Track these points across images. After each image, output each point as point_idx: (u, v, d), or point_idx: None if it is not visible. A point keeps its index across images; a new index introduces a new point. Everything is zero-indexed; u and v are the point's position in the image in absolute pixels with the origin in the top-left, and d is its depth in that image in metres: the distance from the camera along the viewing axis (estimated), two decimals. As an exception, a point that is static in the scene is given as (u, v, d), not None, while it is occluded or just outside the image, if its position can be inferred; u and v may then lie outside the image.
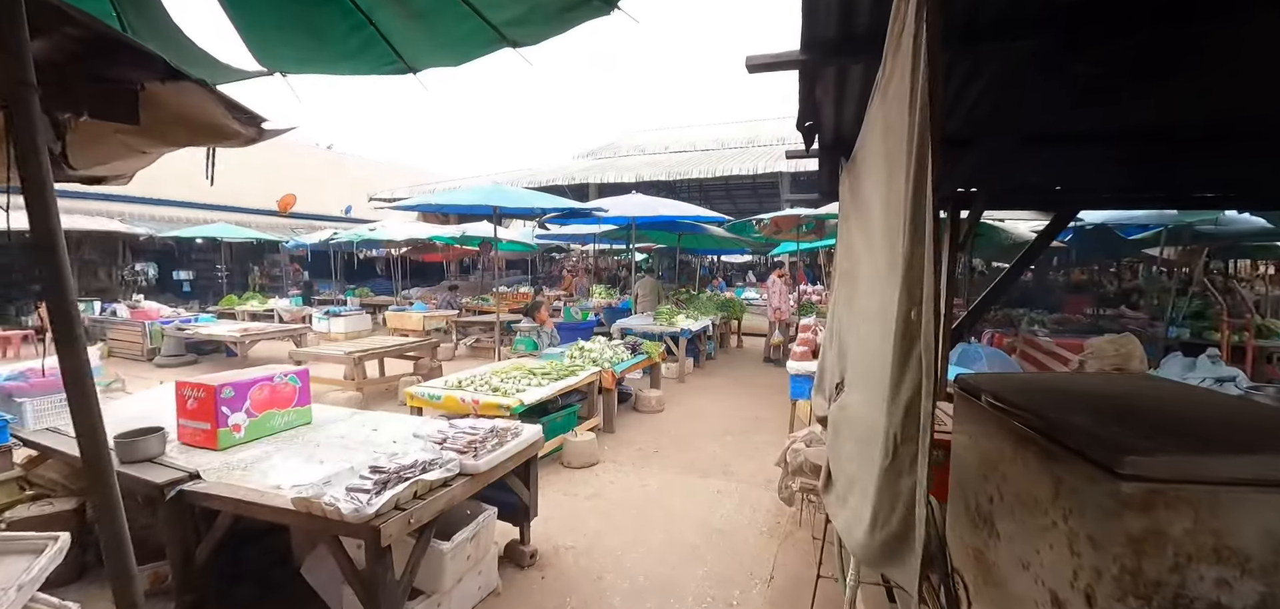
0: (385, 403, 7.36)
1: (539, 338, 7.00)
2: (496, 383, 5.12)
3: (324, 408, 4.08)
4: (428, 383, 5.06)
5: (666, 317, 8.76)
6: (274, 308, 13.88)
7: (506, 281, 21.62)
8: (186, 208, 16.60)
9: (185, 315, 10.90)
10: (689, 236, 11.59)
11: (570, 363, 6.14)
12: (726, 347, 11.95)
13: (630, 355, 6.58)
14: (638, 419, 6.67)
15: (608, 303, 12.60)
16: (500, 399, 4.63)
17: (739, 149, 20.42)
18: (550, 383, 5.19)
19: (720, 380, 8.95)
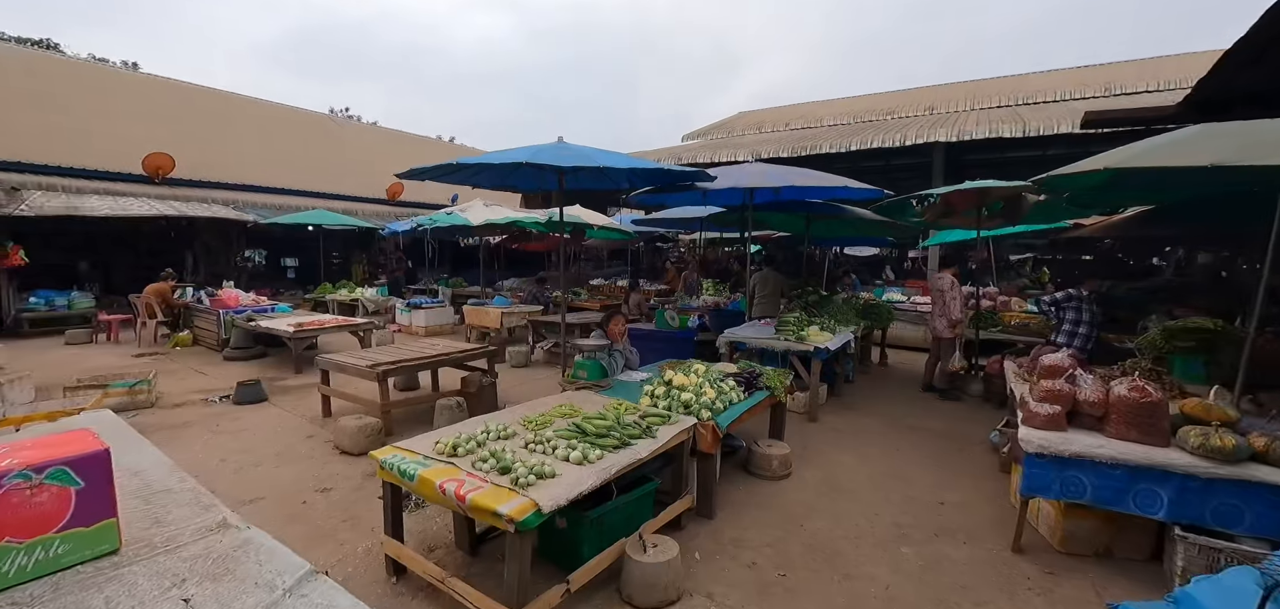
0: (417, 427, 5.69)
1: (609, 360, 4.97)
2: (517, 446, 3.13)
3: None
4: (411, 442, 3.22)
5: (794, 328, 6.32)
6: (359, 297, 13.23)
7: (607, 274, 20.02)
8: (294, 195, 16.71)
9: (264, 304, 10.26)
10: (821, 223, 8.98)
11: (650, 405, 4.00)
12: (866, 363, 9.18)
13: (743, 394, 4.30)
14: (750, 491, 4.38)
15: (716, 303, 10.30)
16: (505, 488, 2.60)
17: (874, 121, 17.06)
18: (607, 451, 3.09)
19: (866, 419, 6.35)
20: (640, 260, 23.34)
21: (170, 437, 5.41)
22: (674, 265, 17.86)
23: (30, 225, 11.29)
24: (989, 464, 5.08)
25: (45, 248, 12.99)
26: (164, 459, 3.03)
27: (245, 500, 4.12)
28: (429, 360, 6.17)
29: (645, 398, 4.09)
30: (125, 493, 2.48)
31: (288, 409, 6.38)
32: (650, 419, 3.64)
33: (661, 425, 3.57)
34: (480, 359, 6.64)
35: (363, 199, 19.07)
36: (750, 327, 7.14)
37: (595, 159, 4.60)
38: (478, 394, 6.17)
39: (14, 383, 6.26)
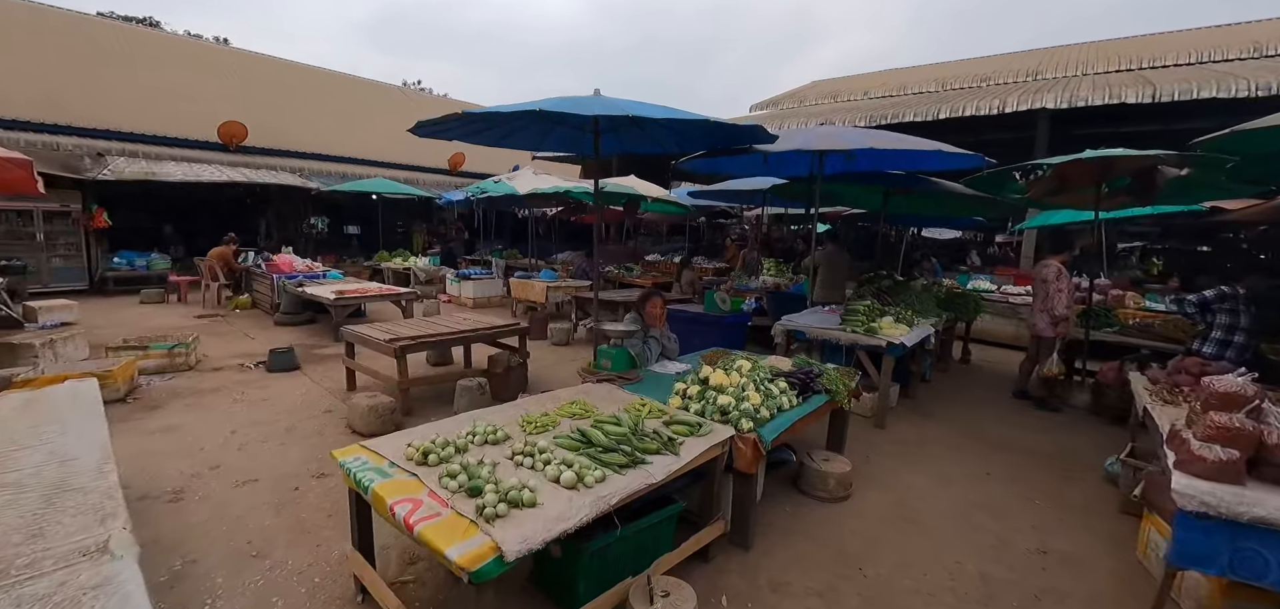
0: (439, 408, 5.30)
1: (643, 349, 4.32)
2: (503, 456, 2.55)
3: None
4: (380, 442, 2.71)
5: (864, 318, 5.42)
6: (412, 266, 13.22)
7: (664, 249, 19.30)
8: (358, 163, 16.98)
9: (316, 270, 10.32)
10: (901, 198, 7.87)
11: (680, 406, 3.33)
12: (944, 359, 8.06)
13: (796, 399, 3.53)
14: (798, 516, 3.64)
15: (776, 285, 9.41)
16: (466, 519, 2.03)
17: (967, 88, 15.26)
18: (613, 470, 2.46)
19: (945, 429, 5.39)
20: (700, 236, 22.45)
21: (193, 403, 5.27)
22: (734, 242, 16.91)
23: (116, 189, 11.91)
24: (1104, 500, 4.08)
25: (135, 211, 13.78)
26: (104, 448, 2.68)
27: (240, 481, 3.81)
28: (456, 336, 5.75)
29: (676, 397, 3.42)
30: (32, 489, 2.08)
31: (316, 379, 6.17)
32: (676, 427, 2.97)
33: (689, 436, 2.90)
34: (512, 336, 6.17)
35: (425, 169, 19.22)
36: (812, 313, 6.28)
37: (628, 109, 3.91)
38: (505, 375, 5.71)
39: (66, 341, 6.37)
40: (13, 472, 2.27)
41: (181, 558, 2.98)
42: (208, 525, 3.29)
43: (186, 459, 4.11)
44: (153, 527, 3.26)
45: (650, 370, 4.25)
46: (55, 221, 11.35)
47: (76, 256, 11.73)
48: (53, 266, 11.41)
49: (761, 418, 3.13)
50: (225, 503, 3.54)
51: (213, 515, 3.39)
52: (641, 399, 3.41)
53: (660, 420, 3.11)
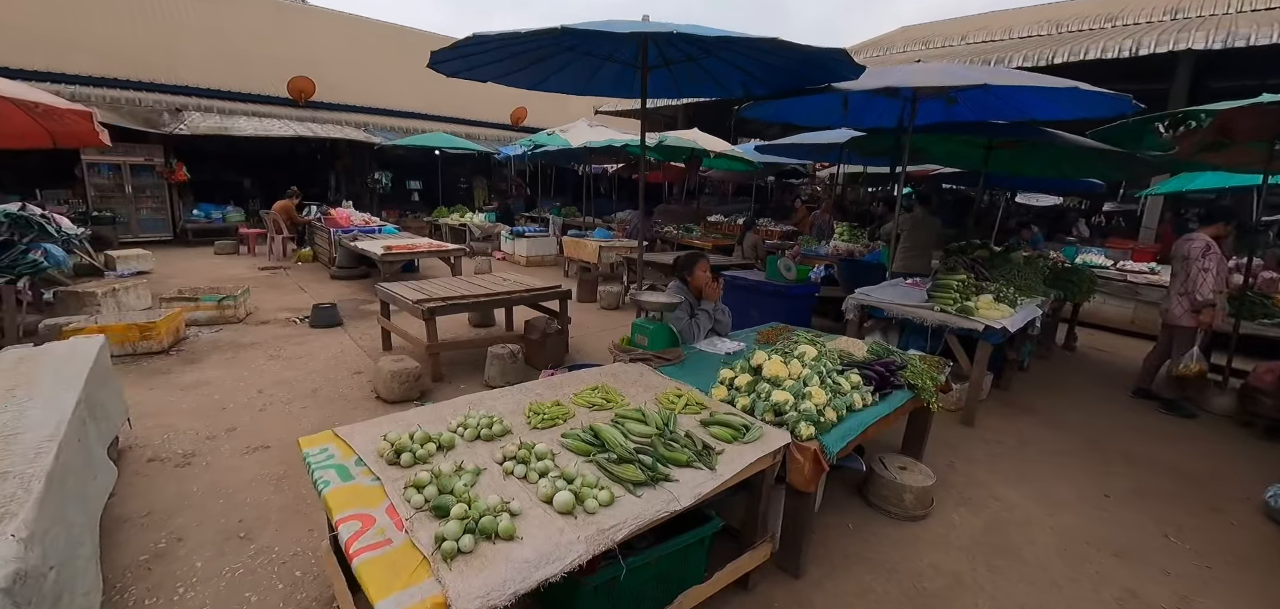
0: (472, 376, 4.96)
1: (688, 324, 3.73)
2: (493, 460, 2.08)
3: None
4: (353, 430, 2.28)
5: (957, 295, 4.55)
6: (467, 222, 13.09)
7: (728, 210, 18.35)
8: (420, 118, 16.99)
9: (372, 224, 10.31)
10: (1006, 155, 6.71)
11: (725, 399, 2.75)
12: (1045, 344, 6.96)
13: (872, 397, 2.84)
14: (864, 535, 2.99)
15: (849, 251, 8.49)
16: (418, 552, 1.56)
17: (1088, 30, 13.21)
18: (629, 487, 1.93)
19: (1049, 431, 4.50)
20: (768, 197, 21.25)
21: (230, 358, 5.20)
22: (805, 204, 15.75)
23: (195, 145, 12.40)
24: (1265, 542, 3.18)
25: (215, 165, 14.41)
26: (59, 425, 2.39)
27: (251, 448, 3.59)
28: (491, 298, 5.37)
29: (721, 387, 2.82)
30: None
31: (356, 337, 6.01)
32: (716, 429, 2.39)
33: (732, 442, 2.31)
34: (552, 300, 5.73)
35: (487, 123, 19.06)
36: (892, 286, 5.44)
37: (676, 29, 3.24)
38: (541, 342, 5.29)
39: (128, 291, 6.51)
40: None
41: (168, 534, 2.75)
42: (205, 497, 3.05)
43: (207, 419, 3.95)
44: (152, 495, 3.06)
45: (696, 349, 3.66)
46: (142, 175, 11.96)
47: (161, 209, 12.37)
48: (141, 217, 12.08)
49: (825, 422, 2.49)
50: (229, 471, 3.32)
51: (213, 486, 3.16)
52: (678, 388, 2.84)
53: (698, 416, 2.54)
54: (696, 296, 3.97)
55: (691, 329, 3.77)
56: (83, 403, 2.54)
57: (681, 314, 3.76)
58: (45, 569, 1.66)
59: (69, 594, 1.83)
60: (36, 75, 10.75)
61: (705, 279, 3.93)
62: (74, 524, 2.03)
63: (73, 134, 6.99)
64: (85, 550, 2.05)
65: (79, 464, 2.28)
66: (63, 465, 2.05)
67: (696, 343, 3.77)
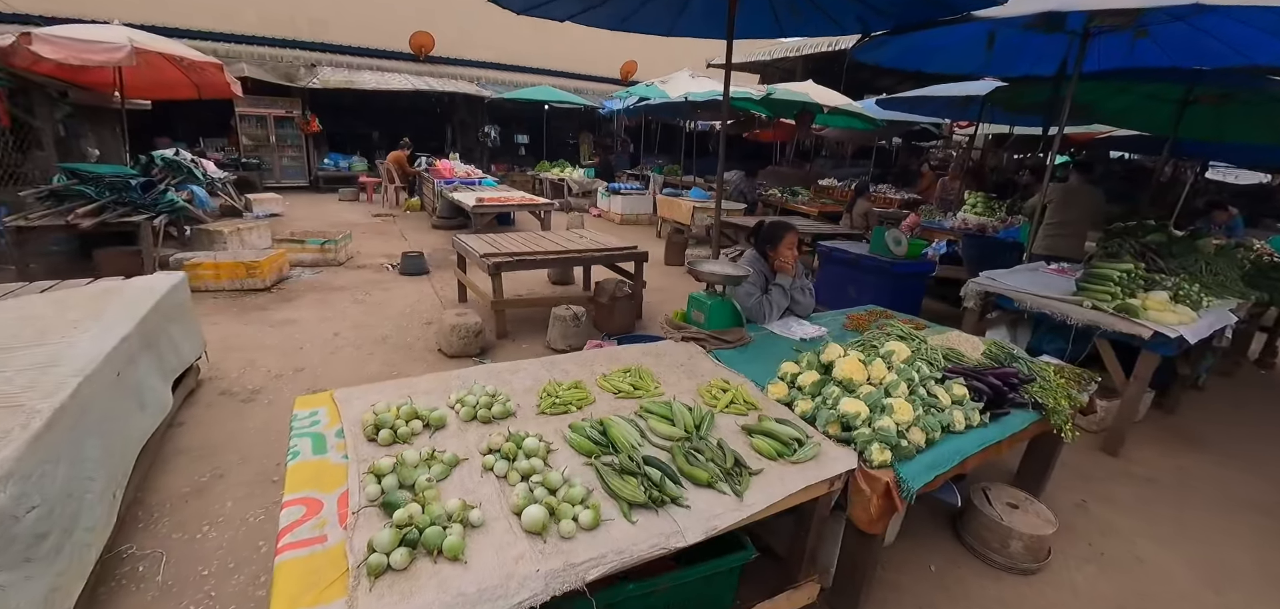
0: (533, 337, 4.79)
1: (760, 301, 3.20)
2: (477, 446, 1.77)
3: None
4: (351, 394, 2.06)
5: (1117, 289, 3.57)
6: (566, 177, 13.07)
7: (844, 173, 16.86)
8: (529, 72, 17.15)
9: (474, 176, 10.57)
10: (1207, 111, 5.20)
11: (784, 399, 2.25)
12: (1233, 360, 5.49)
13: (980, 417, 2.19)
14: (950, 580, 2.37)
15: (980, 226, 7.29)
16: (342, 563, 1.29)
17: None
18: (625, 508, 1.55)
19: (1226, 473, 3.44)
20: (891, 160, 19.27)
21: (320, 299, 5.45)
22: (933, 169, 13.99)
23: (327, 98, 13.42)
24: None
25: (347, 117, 15.58)
26: (84, 366, 2.44)
27: (311, 390, 3.65)
28: (563, 255, 5.12)
29: (779, 384, 2.32)
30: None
31: (438, 287, 6.10)
32: (760, 440, 1.92)
33: (775, 460, 1.84)
34: (628, 261, 5.39)
35: (597, 78, 18.89)
36: (1029, 271, 4.47)
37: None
38: (609, 306, 4.99)
39: (252, 231, 7.09)
40: None
41: (211, 470, 2.81)
42: (254, 437, 3.11)
43: (282, 358, 4.11)
44: (213, 429, 3.18)
45: (766, 331, 3.14)
46: (283, 126, 13.19)
47: (299, 158, 13.61)
48: (283, 165, 13.38)
49: (907, 446, 1.92)
50: (284, 412, 3.37)
51: (265, 426, 3.23)
52: (726, 380, 2.37)
53: (744, 418, 2.08)
54: (773, 270, 3.41)
55: (761, 307, 3.24)
56: (133, 338, 2.61)
57: (750, 288, 3.23)
58: (21, 511, 1.62)
59: (62, 531, 1.81)
60: (202, 34, 12.09)
61: (788, 254, 3.36)
62: (88, 459, 2.03)
63: (212, 85, 7.68)
64: (97, 486, 2.05)
65: (112, 398, 2.31)
66: (82, 401, 2.05)
67: (767, 323, 3.24)
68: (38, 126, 6.37)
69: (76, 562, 1.87)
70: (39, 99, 6.39)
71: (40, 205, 5.40)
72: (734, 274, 2.95)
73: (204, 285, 5.34)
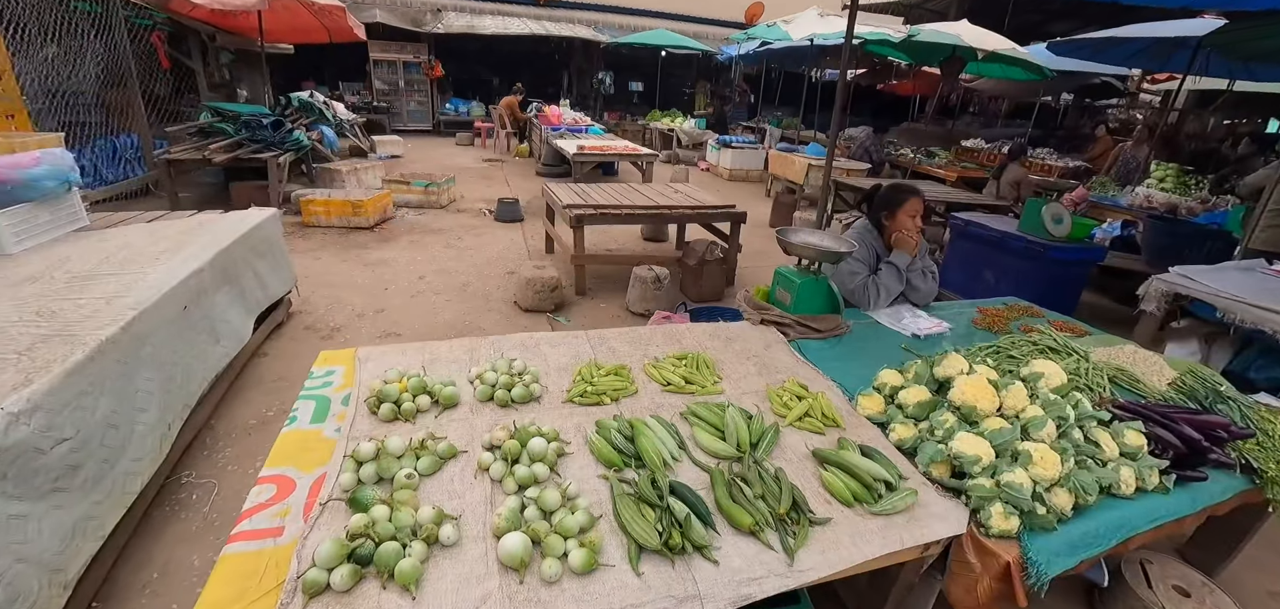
0: (612, 297, 4.53)
1: (864, 284, 2.64)
2: (481, 446, 1.51)
3: None
4: (374, 354, 1.88)
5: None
6: (675, 128, 12.55)
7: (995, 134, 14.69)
8: (647, 16, 16.58)
9: (581, 123, 10.44)
10: None
11: (877, 418, 1.77)
12: None
13: (1162, 480, 1.56)
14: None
15: (1169, 206, 5.89)
16: (280, 579, 1.08)
17: None
18: (623, 553, 1.21)
19: None
20: (1060, 120, 16.50)
21: (416, 241, 5.57)
22: (1112, 132, 11.71)
23: (451, 43, 13.89)
24: None
25: (470, 63, 16.12)
26: (157, 289, 2.50)
27: (386, 333, 3.69)
28: (653, 210, 4.76)
29: (873, 396, 1.83)
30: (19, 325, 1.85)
31: (529, 236, 6.03)
32: (835, 476, 1.48)
33: (851, 507, 1.40)
34: (724, 221, 4.93)
35: (718, 22, 17.92)
36: (1241, 271, 3.42)
37: None
38: (697, 269, 4.58)
39: (368, 171, 7.47)
40: (44, 294, 2.16)
41: (278, 405, 2.87)
42: (324, 377, 3.16)
43: (368, 297, 4.21)
44: (292, 363, 3.28)
45: (870, 319, 2.60)
46: (411, 71, 13.90)
47: (424, 102, 14.32)
48: (409, 109, 14.17)
49: (1045, 516, 1.37)
50: (357, 355, 3.41)
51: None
52: (802, 385, 1.92)
53: (820, 439, 1.64)
54: (888, 246, 2.82)
55: (866, 291, 2.68)
56: (206, 271, 2.66)
57: (854, 267, 2.69)
58: (47, 444, 1.62)
59: (101, 462, 1.83)
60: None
61: (909, 226, 2.74)
62: (139, 392, 2.06)
63: (340, 29, 8.08)
64: (149, 418, 2.09)
65: (176, 331, 2.36)
66: (137, 334, 2.07)
67: (872, 311, 2.69)
68: (192, 68, 7.07)
69: (116, 492, 1.90)
70: (194, 43, 7.08)
71: (189, 140, 5.99)
72: (833, 248, 2.42)
73: (315, 221, 5.67)
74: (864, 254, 2.75)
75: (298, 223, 5.71)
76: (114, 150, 5.70)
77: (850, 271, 2.69)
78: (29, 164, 2.56)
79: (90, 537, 1.78)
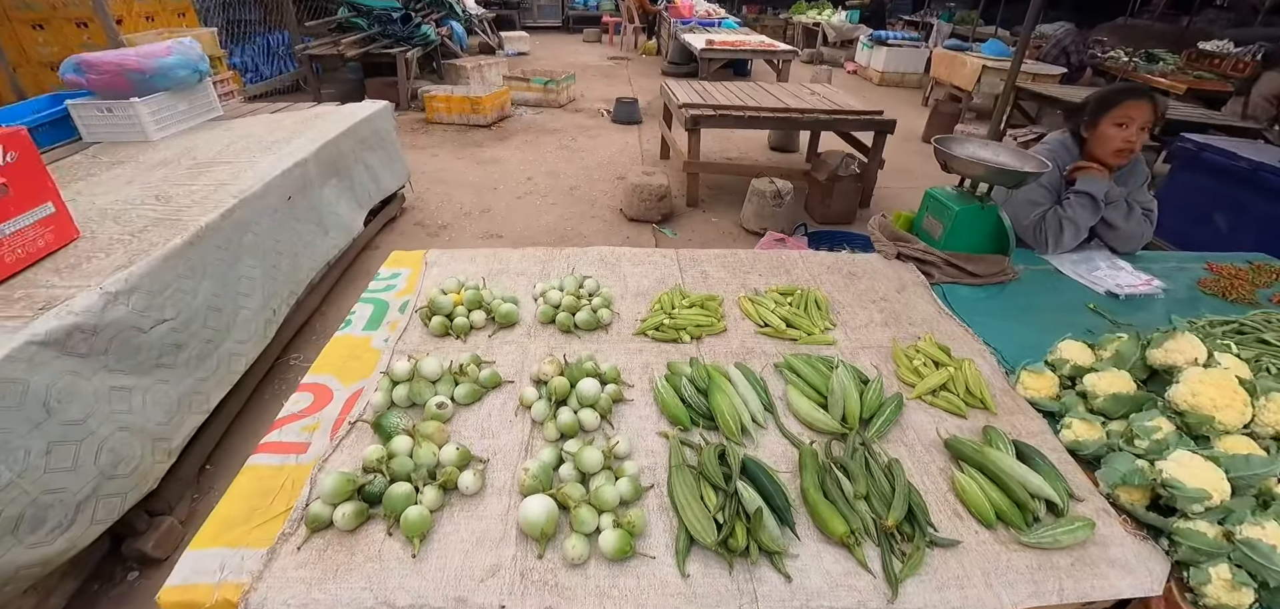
0: (727, 209, 4.17)
1: (1048, 219, 2.03)
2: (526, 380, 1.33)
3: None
4: (441, 258, 1.71)
5: None
6: (822, 22, 11.18)
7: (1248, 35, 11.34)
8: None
9: (715, 17, 9.66)
10: None
11: (1043, 404, 1.35)
12: None
13: None
14: None
15: None
16: (284, 507, 0.99)
17: None
18: (670, 528, 0.98)
19: None
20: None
21: (530, 141, 5.52)
22: None
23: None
24: None
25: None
26: (260, 178, 2.55)
27: (488, 234, 3.69)
28: (782, 113, 4.21)
29: (1042, 374, 1.39)
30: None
31: (645, 139, 5.74)
32: (967, 481, 1.13)
33: (988, 528, 1.05)
34: (865, 130, 4.26)
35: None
36: None
37: None
38: (826, 187, 4.04)
39: (491, 67, 7.50)
40: (168, 180, 2.30)
41: (381, 301, 2.97)
42: (425, 274, 3.22)
43: (477, 196, 4.23)
44: (398, 257, 3.38)
45: (1047, 265, 2.05)
46: (541, -38, 13.63)
47: None
48: (540, 4, 14.01)
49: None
50: (458, 255, 3.45)
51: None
52: (941, 345, 1.51)
53: (958, 422, 1.27)
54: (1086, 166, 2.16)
55: (1047, 227, 2.09)
56: (311, 163, 2.73)
57: (1035, 194, 2.10)
58: (147, 324, 1.71)
59: (206, 342, 1.94)
60: None
61: (1114, 138, 2.06)
62: (243, 277, 2.16)
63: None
64: (253, 302, 2.20)
65: (281, 220, 2.45)
66: (238, 221, 2.15)
67: (1050, 254, 2.11)
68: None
69: (221, 371, 2.03)
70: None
71: (327, 36, 6.32)
72: (1014, 166, 1.87)
73: (437, 117, 5.81)
74: (1050, 180, 2.14)
75: (422, 119, 5.89)
76: (268, 46, 6.19)
77: (1028, 200, 2.10)
78: (162, 53, 2.73)
79: (195, 410, 1.92)
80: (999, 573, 0.97)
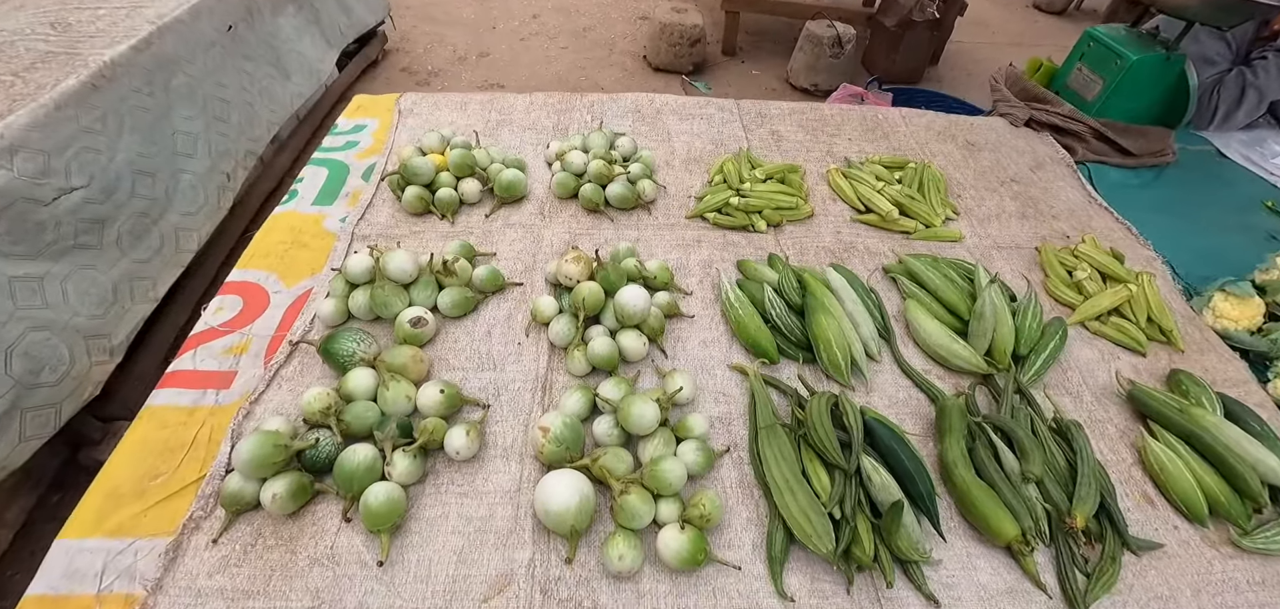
0: (769, 61, 3.63)
1: (1226, 84, 1.55)
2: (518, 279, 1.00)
3: None
4: (428, 100, 1.31)
5: None
6: None
7: None
8: None
9: None
10: None
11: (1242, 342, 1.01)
12: None
13: None
14: None
15: None
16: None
17: None
18: (767, 514, 0.70)
19: None
20: None
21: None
22: None
23: None
24: None
25: None
26: (181, 5, 2.07)
27: (487, 83, 3.23)
28: None
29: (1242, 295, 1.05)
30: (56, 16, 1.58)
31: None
32: (1168, 454, 0.82)
33: (1201, 526, 0.75)
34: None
35: None
36: None
37: None
38: (893, 36, 3.45)
39: None
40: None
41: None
42: (413, 132, 2.82)
43: (470, 37, 3.70)
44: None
45: (1212, 148, 1.63)
46: None
47: None
48: None
49: None
50: (452, 109, 3.02)
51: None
52: (1111, 251, 1.16)
53: (1137, 366, 0.95)
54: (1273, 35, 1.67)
55: (1219, 96, 1.64)
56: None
57: (1211, 50, 1.63)
58: (49, 193, 1.37)
59: (139, 215, 1.61)
60: None
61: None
62: (177, 133, 1.79)
63: None
64: (197, 165, 1.84)
65: (220, 59, 2.02)
66: (158, 57, 1.74)
67: (1216, 130, 1.68)
68: None
69: (167, 250, 1.71)
70: None
71: None
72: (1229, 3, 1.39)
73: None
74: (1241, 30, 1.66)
75: (405, -60, 5.14)
76: None
77: (1202, 57, 1.64)
78: None
79: (139, 298, 1.62)
80: (1212, 590, 0.69)
